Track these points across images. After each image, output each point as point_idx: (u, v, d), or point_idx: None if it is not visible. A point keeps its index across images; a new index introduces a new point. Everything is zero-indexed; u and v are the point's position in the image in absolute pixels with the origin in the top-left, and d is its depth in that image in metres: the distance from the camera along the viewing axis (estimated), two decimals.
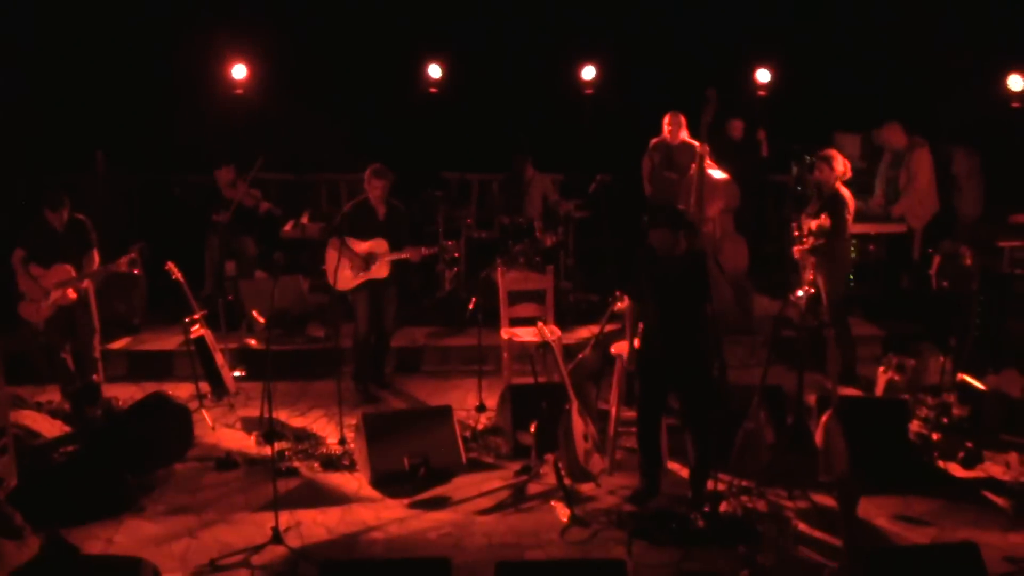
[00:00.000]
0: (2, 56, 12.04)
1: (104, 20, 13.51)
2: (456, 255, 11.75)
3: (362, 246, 10.01)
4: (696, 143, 11.22)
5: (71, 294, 9.84)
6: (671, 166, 11.84)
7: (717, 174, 11.16)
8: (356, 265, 9.99)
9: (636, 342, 8.13)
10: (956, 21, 12.84)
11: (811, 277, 9.64)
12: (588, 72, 13.53)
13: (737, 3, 14.28)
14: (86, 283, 9.98)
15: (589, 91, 13.57)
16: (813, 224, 9.92)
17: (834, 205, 10.01)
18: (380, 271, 10.03)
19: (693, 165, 11.04)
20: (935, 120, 12.30)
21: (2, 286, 10.01)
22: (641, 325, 8.05)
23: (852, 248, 10.53)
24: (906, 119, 12.05)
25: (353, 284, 10.06)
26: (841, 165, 10.05)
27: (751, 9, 14.22)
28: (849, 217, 10.09)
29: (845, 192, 10.06)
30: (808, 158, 12.73)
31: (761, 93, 13.29)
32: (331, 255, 9.98)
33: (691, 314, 7.81)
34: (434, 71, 13.75)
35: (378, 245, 10.00)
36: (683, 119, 11.76)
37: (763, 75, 13.28)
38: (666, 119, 11.87)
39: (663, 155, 11.97)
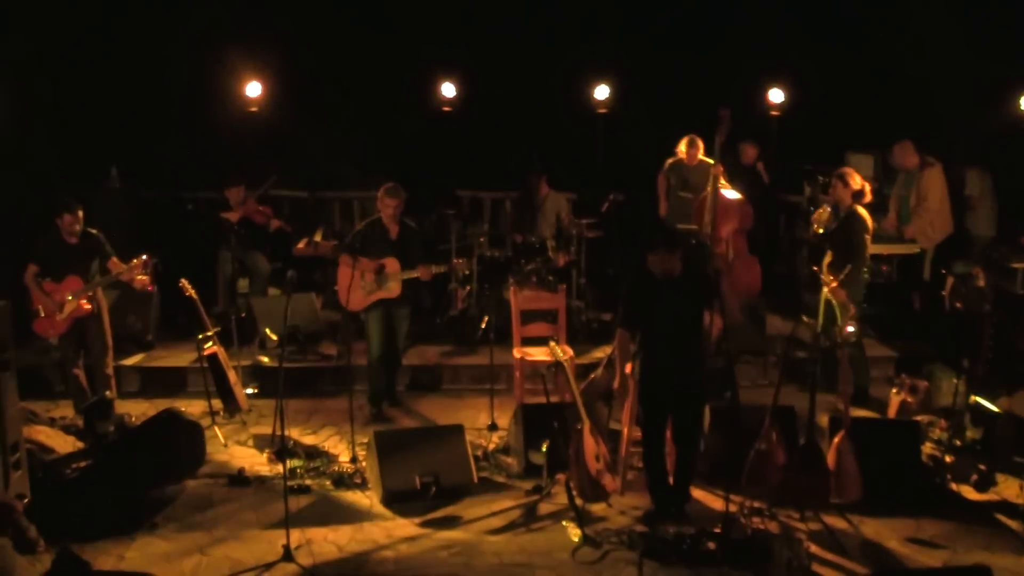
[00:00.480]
0: (16, 72, 12.08)
1: (118, 36, 13.57)
2: (467, 272, 11.73)
3: (373, 265, 10.02)
4: (711, 161, 11.24)
5: (85, 305, 9.88)
6: (686, 187, 11.86)
7: (730, 195, 11.16)
8: (367, 284, 10.00)
9: (628, 367, 8.15)
10: (969, 41, 12.83)
11: (852, 311, 9.57)
12: (601, 91, 13.54)
13: (750, 23, 14.29)
14: (99, 295, 10.02)
15: (602, 110, 13.59)
16: (826, 272, 9.88)
17: (850, 226, 9.99)
18: (392, 290, 10.03)
19: (708, 186, 11.06)
20: (948, 140, 12.28)
21: (16, 302, 10.03)
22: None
23: (866, 269, 10.51)
24: (919, 139, 12.04)
25: (365, 304, 10.08)
26: (857, 182, 10.02)
27: (764, 29, 14.23)
28: (868, 237, 10.07)
29: (862, 212, 10.04)
30: (821, 178, 12.73)
31: (774, 113, 13.29)
32: (343, 274, 10.00)
33: (691, 335, 7.86)
34: (448, 89, 13.78)
35: (389, 264, 10.01)
36: (700, 143, 11.77)
37: (776, 95, 13.28)
38: (683, 143, 11.88)
39: (678, 176, 11.98)
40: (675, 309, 7.82)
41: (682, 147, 11.94)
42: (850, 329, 9.55)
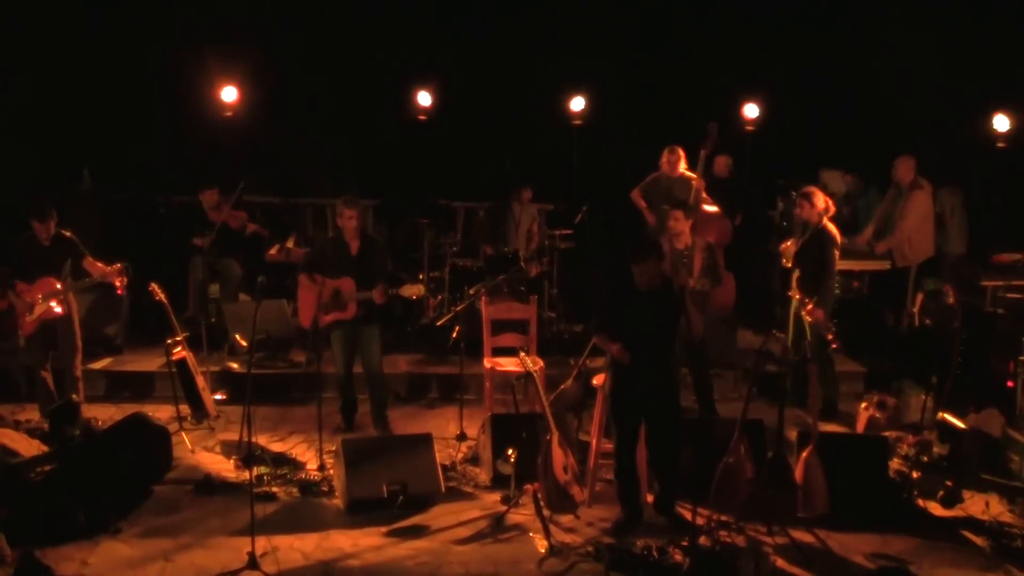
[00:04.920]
0: None
1: (94, 39, 13.53)
2: (415, 296, 11.26)
3: (330, 284, 9.73)
4: (693, 176, 11.25)
5: (56, 308, 9.82)
6: (669, 199, 11.77)
7: (711, 208, 11.20)
8: (323, 305, 9.72)
9: (600, 377, 8.18)
10: (944, 60, 12.91)
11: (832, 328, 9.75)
12: (577, 103, 13.56)
13: (727, 38, 14.36)
14: (71, 298, 9.96)
15: (577, 122, 13.60)
16: (795, 288, 9.97)
17: (820, 241, 10.05)
18: (348, 311, 9.77)
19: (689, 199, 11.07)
20: (921, 158, 12.33)
21: None
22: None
23: (835, 284, 10.56)
24: (893, 157, 12.09)
25: (322, 324, 9.81)
26: (822, 201, 10.12)
27: (740, 44, 14.30)
28: (837, 252, 10.14)
29: (831, 227, 10.11)
30: (794, 193, 12.78)
31: (749, 128, 13.34)
32: (301, 294, 9.87)
33: (665, 344, 7.89)
34: (423, 99, 13.78)
35: (345, 284, 9.70)
36: (681, 152, 11.70)
37: (751, 110, 13.32)
38: (664, 153, 11.79)
39: (662, 188, 11.87)
40: (650, 318, 7.80)
41: (663, 158, 11.81)
42: (830, 338, 9.69)
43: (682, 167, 11.68)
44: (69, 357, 10.07)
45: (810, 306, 9.79)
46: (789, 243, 10.49)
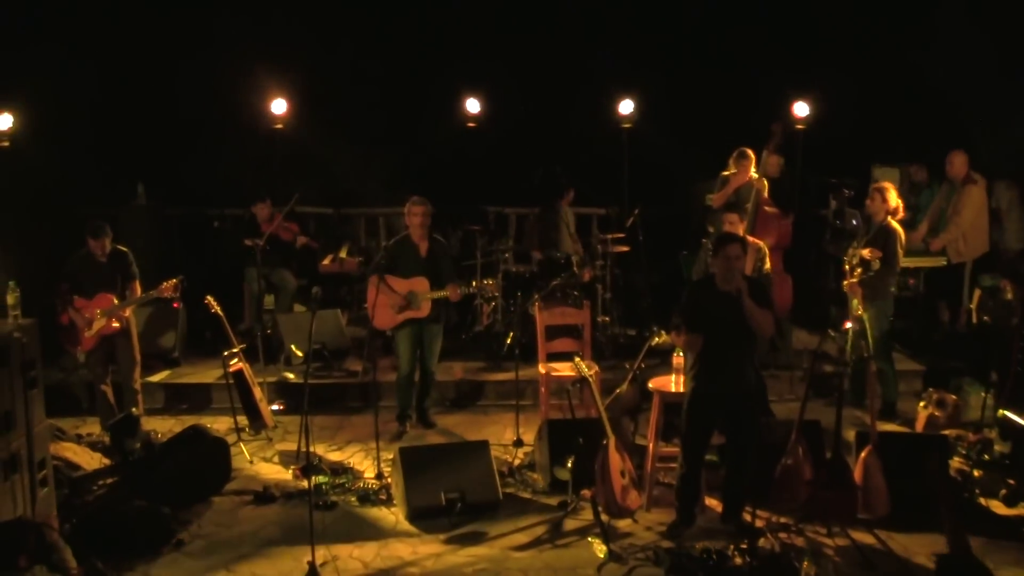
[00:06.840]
0: (46, 91, 12.17)
1: (145, 54, 13.66)
2: (496, 293, 11.52)
3: (403, 285, 9.99)
4: (756, 176, 11.18)
5: (114, 323, 9.94)
6: (737, 203, 11.62)
7: (771, 209, 11.13)
8: (397, 304, 9.99)
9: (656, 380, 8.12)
10: (997, 52, 12.77)
11: (860, 312, 9.65)
12: (626, 106, 13.52)
13: (775, 37, 14.28)
14: (128, 312, 10.08)
15: (627, 125, 13.57)
16: (865, 252, 9.86)
17: (885, 237, 9.99)
18: (421, 310, 10.01)
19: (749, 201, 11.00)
20: (976, 153, 12.21)
21: (46, 319, 10.09)
22: (680, 359, 8.09)
23: (894, 287, 10.47)
24: (948, 152, 11.97)
25: (394, 323, 10.06)
26: (894, 200, 10.03)
27: (789, 43, 14.22)
28: (901, 250, 10.07)
29: (896, 225, 10.05)
30: (847, 191, 12.68)
31: (799, 127, 13.24)
32: (372, 293, 9.97)
33: (748, 345, 7.77)
34: (472, 105, 13.79)
35: (419, 284, 9.97)
36: (751, 154, 11.59)
37: (801, 109, 13.23)
38: (733, 156, 11.64)
39: (744, 193, 11.68)
40: (733, 318, 7.61)
41: (732, 162, 11.65)
42: (847, 325, 9.61)
43: (752, 170, 11.53)
44: (128, 371, 10.20)
45: (854, 279, 9.79)
46: (853, 251, 10.31)
